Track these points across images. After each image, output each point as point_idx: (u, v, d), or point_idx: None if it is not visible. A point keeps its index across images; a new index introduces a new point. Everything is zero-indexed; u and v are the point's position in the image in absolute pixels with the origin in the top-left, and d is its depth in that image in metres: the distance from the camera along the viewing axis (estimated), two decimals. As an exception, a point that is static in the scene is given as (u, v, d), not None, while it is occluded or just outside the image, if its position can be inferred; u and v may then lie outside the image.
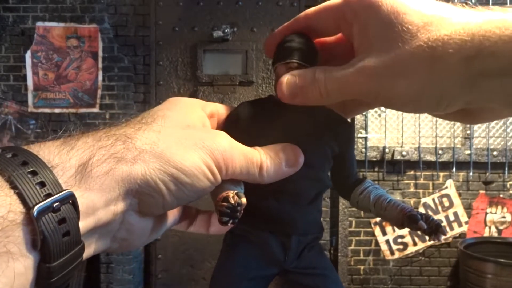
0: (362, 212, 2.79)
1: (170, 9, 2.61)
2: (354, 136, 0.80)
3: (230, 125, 0.45)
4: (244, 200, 0.33)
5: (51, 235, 0.24)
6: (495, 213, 2.76)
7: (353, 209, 2.79)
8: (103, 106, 2.72)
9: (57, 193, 0.25)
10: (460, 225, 2.76)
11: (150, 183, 0.29)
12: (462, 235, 2.76)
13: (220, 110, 0.42)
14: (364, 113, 2.76)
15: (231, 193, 0.32)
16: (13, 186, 0.24)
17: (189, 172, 0.30)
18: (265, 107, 0.52)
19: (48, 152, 0.27)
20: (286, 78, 0.40)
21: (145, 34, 2.69)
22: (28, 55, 2.70)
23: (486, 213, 2.76)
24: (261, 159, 0.36)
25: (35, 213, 0.23)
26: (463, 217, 2.76)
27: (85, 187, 0.26)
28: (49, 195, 0.24)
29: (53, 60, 2.70)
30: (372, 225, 2.78)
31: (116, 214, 0.28)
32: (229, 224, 0.33)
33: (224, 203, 0.32)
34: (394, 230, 2.78)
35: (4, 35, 2.73)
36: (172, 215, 0.39)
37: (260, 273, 0.57)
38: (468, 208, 2.76)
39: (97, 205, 0.27)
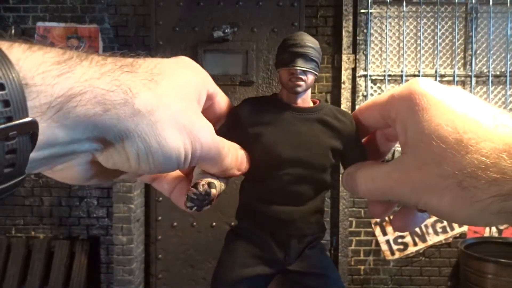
0: (362, 212, 2.79)
1: (170, 9, 2.61)
2: (357, 128, 0.79)
3: (233, 119, 0.45)
4: (214, 191, 0.33)
5: None
6: (496, 213, 2.76)
7: (354, 209, 2.79)
8: (103, 106, 2.73)
9: (19, 119, 0.21)
10: (460, 225, 2.76)
11: (127, 144, 0.27)
12: (462, 235, 2.75)
13: (221, 98, 0.41)
14: (364, 113, 2.76)
15: (202, 181, 0.33)
16: None
17: (166, 153, 0.29)
18: (268, 106, 0.53)
19: (33, 66, 0.23)
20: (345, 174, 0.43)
21: (146, 34, 2.69)
22: (28, 55, 2.70)
23: (487, 213, 2.76)
24: (227, 165, 0.37)
25: None
26: (464, 217, 2.76)
27: (57, 121, 0.24)
28: (9, 119, 0.21)
29: (53, 60, 2.70)
30: (373, 225, 2.78)
31: (75, 152, 0.26)
32: (193, 210, 0.34)
33: (193, 189, 0.32)
34: (394, 230, 2.78)
35: (4, 35, 2.73)
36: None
37: (260, 273, 0.57)
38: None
39: (59, 141, 0.25)
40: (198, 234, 2.73)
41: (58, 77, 0.24)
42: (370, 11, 2.72)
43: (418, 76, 2.75)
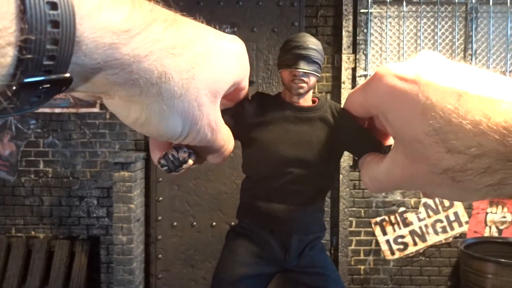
0: (362, 212, 2.79)
1: (170, 9, 2.61)
2: (354, 120, 0.78)
3: (239, 111, 0.45)
4: (191, 162, 0.33)
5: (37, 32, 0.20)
6: (496, 213, 2.76)
7: (354, 209, 2.79)
8: (103, 106, 2.72)
9: (61, 73, 0.23)
10: (460, 225, 2.76)
11: (135, 108, 0.28)
12: (462, 235, 2.75)
13: (243, 92, 0.41)
14: (364, 113, 2.76)
15: (185, 148, 0.33)
16: None
17: (163, 134, 0.30)
18: (272, 105, 0.53)
19: (92, 27, 0.24)
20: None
21: (146, 34, 2.68)
22: (28, 55, 2.69)
23: (487, 213, 2.76)
24: (222, 153, 0.36)
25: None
26: (464, 217, 2.76)
27: (88, 75, 0.25)
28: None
29: (53, 60, 2.70)
30: (373, 225, 2.78)
31: (103, 84, 0.27)
32: (163, 169, 0.34)
33: (173, 151, 0.33)
34: (394, 230, 2.78)
35: None
36: None
37: (260, 271, 0.57)
38: (468, 208, 2.76)
39: (96, 68, 0.25)
40: (198, 234, 2.73)
41: (109, 46, 0.24)
42: (370, 11, 2.72)
43: (418, 76, 2.75)
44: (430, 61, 0.31)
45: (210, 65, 0.31)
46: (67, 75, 0.23)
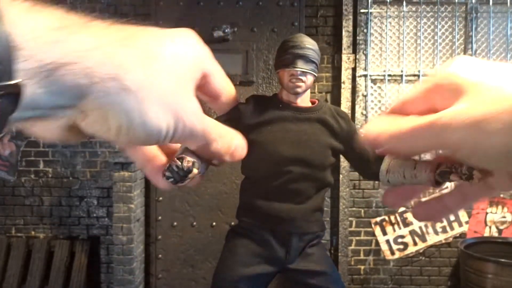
0: (362, 212, 2.79)
1: (170, 9, 2.61)
2: (354, 127, 0.79)
3: (234, 115, 0.45)
4: (195, 171, 0.33)
5: None
6: (496, 213, 2.76)
7: (354, 209, 2.79)
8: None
9: (5, 81, 0.21)
10: (460, 225, 2.76)
11: (110, 116, 0.27)
12: (462, 235, 2.75)
13: (217, 78, 0.36)
14: (364, 112, 2.76)
15: (188, 158, 0.33)
16: None
17: (148, 129, 0.29)
18: (269, 106, 0.53)
19: (28, 29, 0.23)
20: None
21: (146, 34, 2.68)
22: (28, 55, 2.70)
23: (487, 213, 2.76)
24: (214, 149, 0.34)
25: None
26: (464, 217, 2.76)
27: (44, 87, 0.23)
28: None
29: (53, 60, 2.70)
30: (373, 225, 2.78)
31: (57, 116, 0.26)
32: (168, 181, 0.33)
33: (177, 161, 0.32)
34: (394, 230, 2.78)
35: None
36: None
37: (261, 271, 0.57)
38: (468, 208, 2.76)
39: (43, 105, 0.25)
40: (198, 234, 2.73)
41: (51, 44, 0.24)
42: (370, 11, 2.72)
43: (418, 76, 2.75)
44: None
45: (170, 52, 0.30)
46: (15, 80, 0.22)
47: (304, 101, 0.94)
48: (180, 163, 0.33)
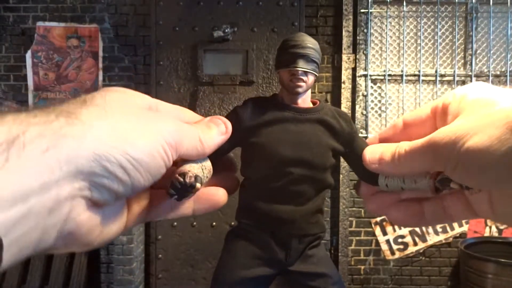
0: (362, 212, 2.79)
1: (170, 9, 2.61)
2: (355, 128, 0.79)
3: (232, 119, 0.45)
4: (198, 186, 0.33)
5: None
6: (496, 213, 2.76)
7: (354, 209, 2.79)
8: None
9: None
10: (460, 225, 2.76)
11: (105, 163, 0.24)
12: (462, 235, 2.75)
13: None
14: (364, 112, 2.76)
15: (190, 173, 0.32)
16: None
17: (148, 152, 0.27)
18: (269, 107, 0.53)
19: None
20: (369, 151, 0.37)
21: (146, 34, 2.68)
22: (28, 55, 2.70)
23: (487, 213, 2.76)
24: (199, 135, 0.34)
25: None
26: (464, 217, 2.76)
27: (13, 168, 0.21)
28: None
29: (53, 60, 2.70)
30: (373, 225, 2.78)
31: (58, 201, 0.23)
32: (172, 198, 0.33)
33: (179, 177, 0.32)
34: (394, 230, 2.78)
35: (4, 35, 2.73)
36: (139, 206, 0.33)
37: (260, 273, 0.57)
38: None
39: (28, 190, 0.21)
40: (198, 234, 2.73)
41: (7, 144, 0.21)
42: (370, 10, 2.72)
43: (418, 75, 2.75)
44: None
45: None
46: None
47: (305, 101, 0.94)
48: (182, 179, 0.32)
